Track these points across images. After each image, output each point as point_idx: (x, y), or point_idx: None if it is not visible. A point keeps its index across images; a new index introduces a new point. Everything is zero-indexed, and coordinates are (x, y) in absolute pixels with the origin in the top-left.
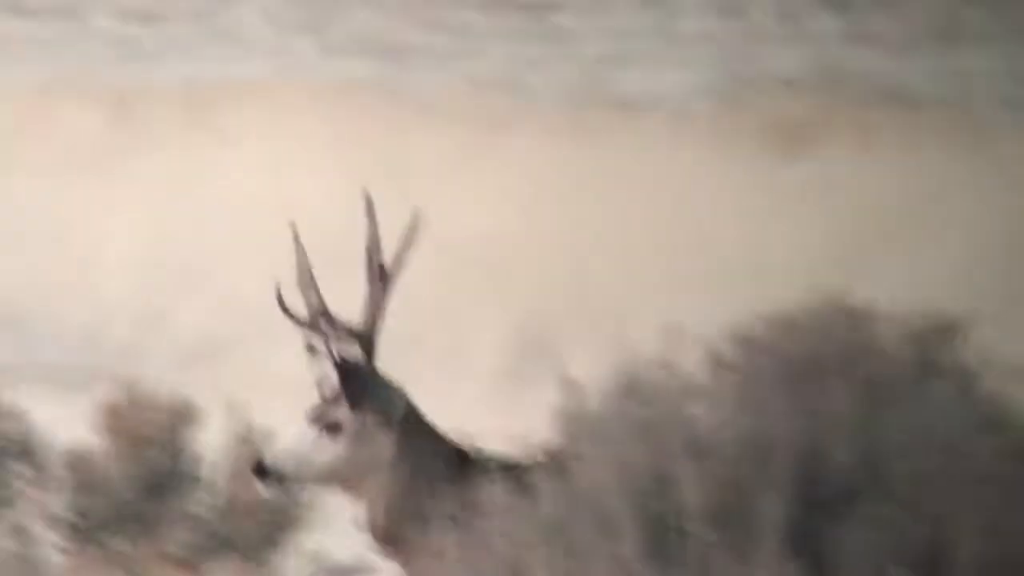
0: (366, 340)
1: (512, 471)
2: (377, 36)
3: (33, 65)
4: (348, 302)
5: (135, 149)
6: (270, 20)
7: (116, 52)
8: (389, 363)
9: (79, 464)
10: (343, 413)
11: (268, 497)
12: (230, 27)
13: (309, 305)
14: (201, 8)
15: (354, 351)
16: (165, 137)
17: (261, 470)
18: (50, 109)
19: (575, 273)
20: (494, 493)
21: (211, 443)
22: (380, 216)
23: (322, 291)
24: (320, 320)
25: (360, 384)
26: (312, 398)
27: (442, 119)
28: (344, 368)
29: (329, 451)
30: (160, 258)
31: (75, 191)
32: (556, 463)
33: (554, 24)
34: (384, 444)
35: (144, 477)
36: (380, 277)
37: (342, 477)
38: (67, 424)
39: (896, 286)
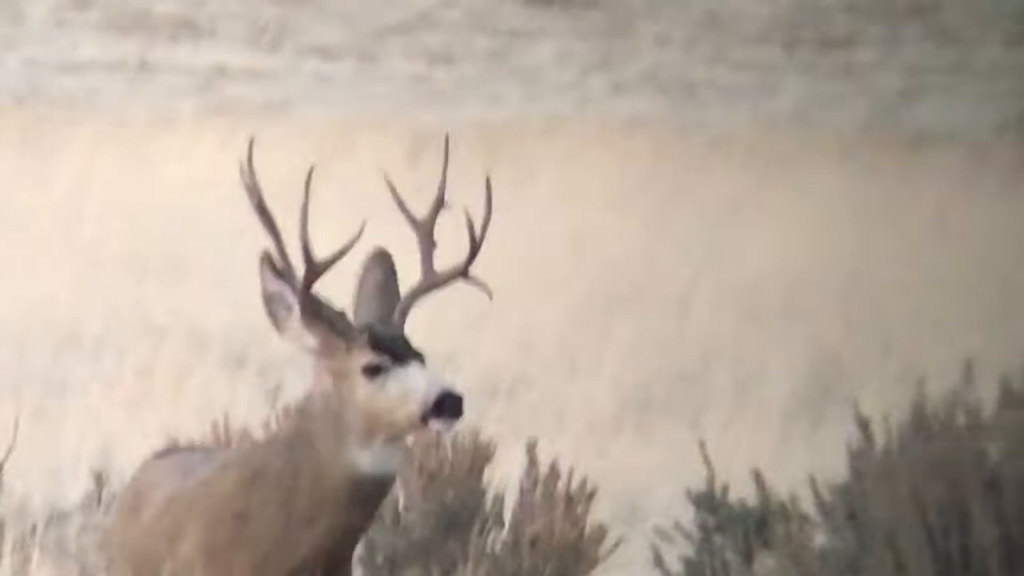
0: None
1: None
2: (668, 72)
3: (334, 104)
4: (647, 336)
5: (430, 188)
6: (563, 59)
7: (413, 92)
8: (676, 400)
9: None
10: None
11: (442, 428)
12: (524, 66)
13: None
14: (496, 48)
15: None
16: (460, 176)
17: (458, 403)
18: (349, 148)
19: (868, 308)
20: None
21: (506, 480)
22: (669, 251)
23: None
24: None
25: None
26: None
27: (734, 154)
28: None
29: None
30: (452, 294)
31: (372, 228)
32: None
33: (848, 59)
34: None
35: (440, 514)
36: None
37: None
38: None
39: None
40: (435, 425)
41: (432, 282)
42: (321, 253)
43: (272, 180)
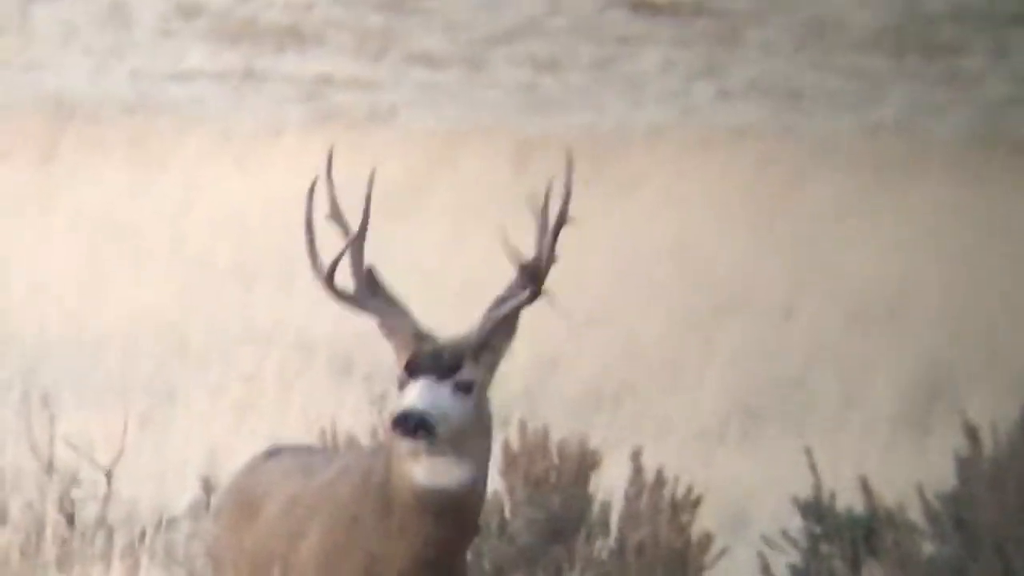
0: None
1: None
2: (773, 80)
3: (440, 112)
4: (751, 340)
5: (537, 195)
6: (668, 66)
7: (518, 100)
8: (782, 408)
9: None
10: (475, 371)
11: (411, 449)
12: (629, 74)
13: None
14: (601, 56)
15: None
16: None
17: (422, 424)
18: (456, 156)
19: (975, 315)
20: None
21: (612, 488)
22: (774, 258)
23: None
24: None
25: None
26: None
27: (839, 162)
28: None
29: (464, 410)
30: (559, 302)
31: (478, 236)
32: (956, 508)
33: (956, 67)
34: (488, 402)
35: (545, 521)
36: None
37: (461, 438)
38: None
39: None
40: (399, 441)
41: (496, 314)
42: (429, 260)
43: (377, 189)
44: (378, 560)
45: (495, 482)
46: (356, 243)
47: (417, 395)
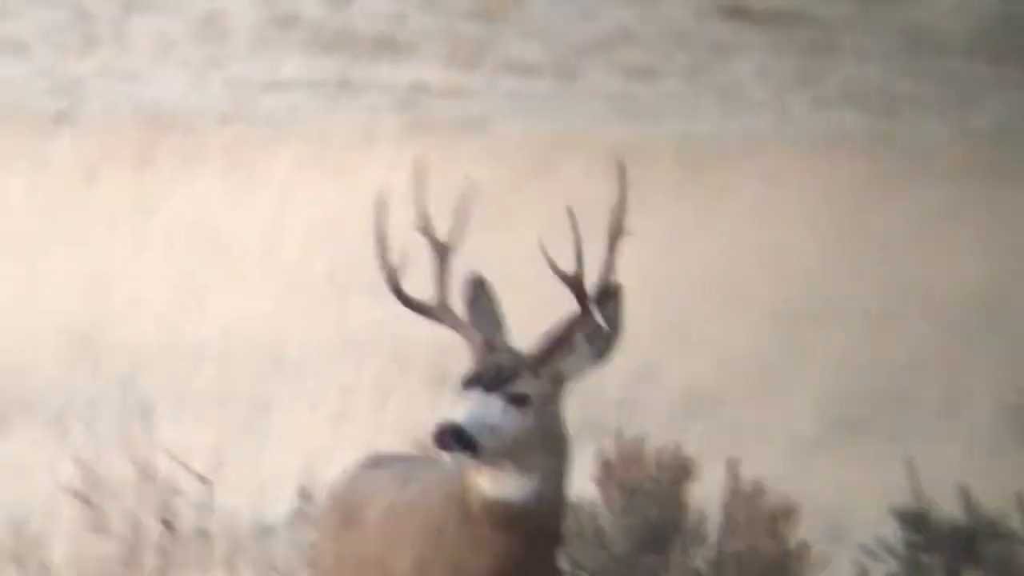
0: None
1: None
2: (869, 88)
3: (532, 121)
4: (841, 349)
5: (633, 204)
6: (763, 74)
7: (612, 108)
8: (879, 417)
9: (573, 515)
10: (531, 385)
11: (450, 462)
12: (723, 82)
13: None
14: (695, 64)
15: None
16: (659, 192)
17: (458, 435)
18: (548, 164)
19: None
20: None
21: (708, 496)
22: (871, 266)
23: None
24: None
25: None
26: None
27: (935, 169)
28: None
29: (516, 423)
30: (651, 311)
31: (568, 247)
32: None
33: None
34: (559, 416)
35: (641, 529)
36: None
37: (520, 451)
38: None
39: None
40: (439, 454)
41: (551, 340)
42: (522, 270)
43: (471, 197)
44: (461, 571)
45: (590, 491)
46: (443, 254)
47: (462, 408)
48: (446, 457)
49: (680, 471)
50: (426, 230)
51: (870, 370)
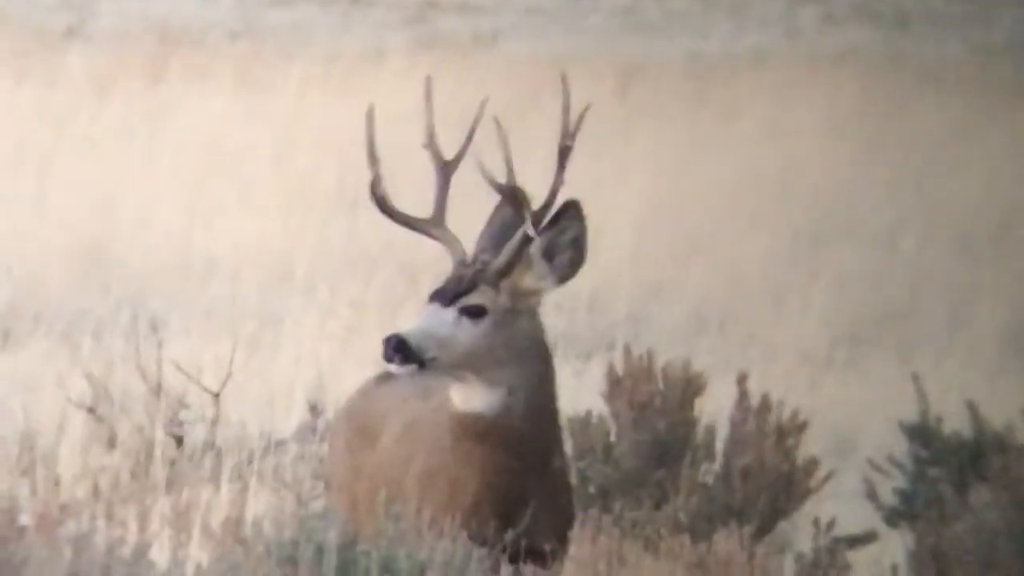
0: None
1: None
2: (880, 2)
3: (543, 37)
4: (855, 270)
5: (639, 121)
6: None
7: (621, 25)
8: (887, 334)
9: (582, 430)
10: (488, 297)
11: (400, 374)
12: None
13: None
14: None
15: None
16: (670, 109)
17: (400, 349)
18: (558, 81)
19: None
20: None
21: (717, 412)
22: (880, 184)
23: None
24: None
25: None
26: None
27: (946, 86)
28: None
29: (470, 334)
30: (661, 228)
31: (582, 162)
32: None
33: None
34: (529, 330)
35: (650, 445)
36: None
37: (480, 363)
38: (571, 392)
39: None
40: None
41: (508, 254)
42: (534, 185)
43: (481, 114)
44: (458, 484)
45: (599, 406)
46: (446, 170)
47: (413, 321)
48: (393, 368)
49: (689, 386)
50: (433, 148)
51: (878, 288)
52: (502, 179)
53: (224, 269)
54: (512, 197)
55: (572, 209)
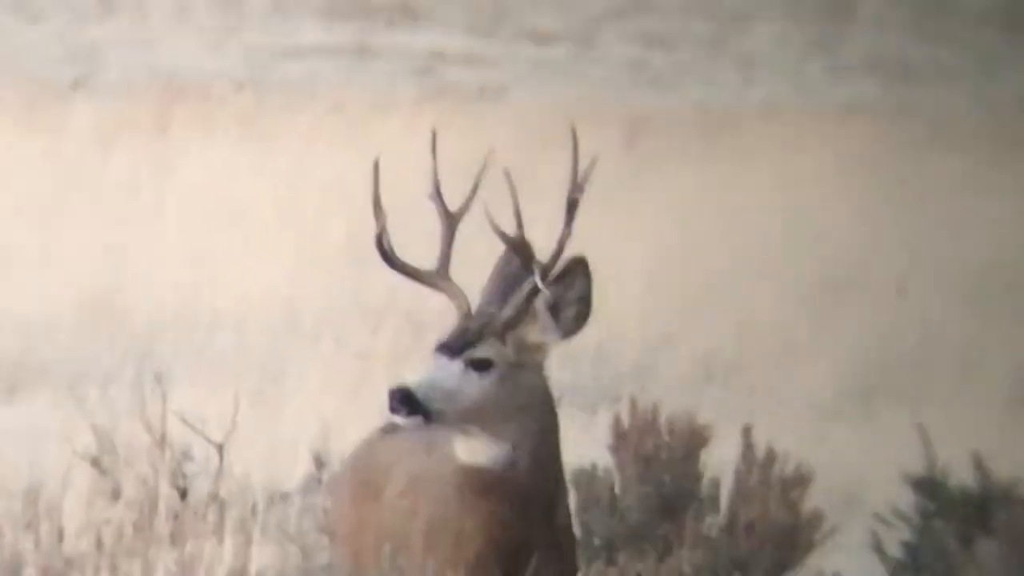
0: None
1: None
2: (887, 56)
3: (550, 89)
4: (856, 324)
5: (648, 172)
6: (781, 42)
7: (629, 77)
8: (895, 385)
9: (587, 483)
10: (495, 350)
11: (405, 426)
12: (741, 50)
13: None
14: (713, 32)
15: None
16: (677, 160)
17: (406, 400)
18: (565, 133)
19: None
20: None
21: (723, 464)
22: (889, 235)
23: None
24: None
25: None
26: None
27: (954, 139)
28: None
29: (476, 387)
30: (668, 280)
31: (590, 213)
32: None
33: None
34: (534, 384)
35: (655, 497)
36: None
37: (486, 416)
38: (576, 444)
39: None
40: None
41: (514, 307)
42: (541, 238)
43: (488, 165)
44: (462, 538)
45: (605, 459)
46: (450, 222)
47: (421, 373)
48: (398, 420)
49: (694, 439)
50: (438, 199)
51: (886, 339)
52: (510, 231)
53: (229, 320)
54: (520, 249)
55: (580, 266)
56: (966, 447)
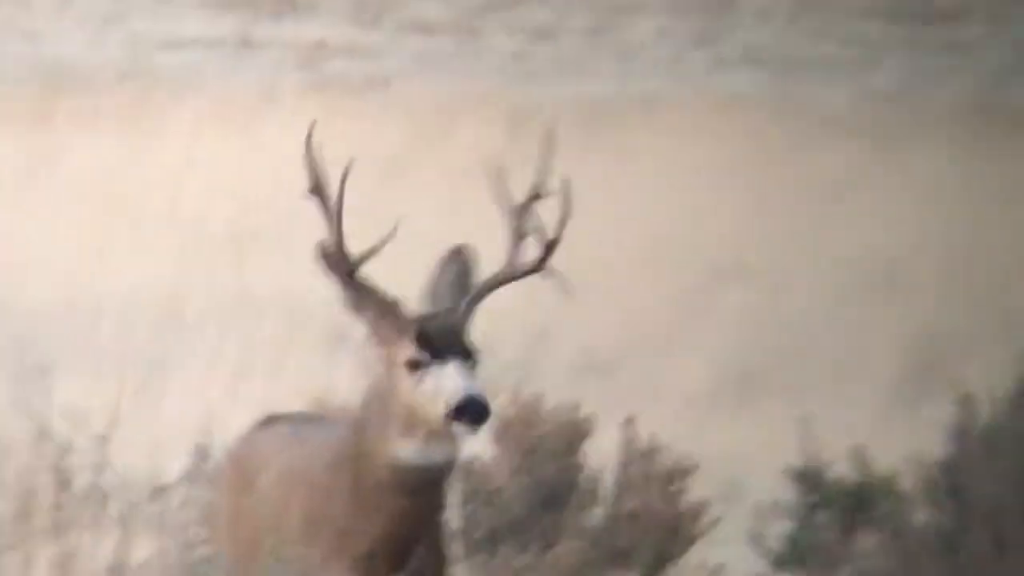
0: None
1: None
2: (770, 48)
3: (434, 80)
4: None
5: (529, 165)
6: (663, 35)
7: (513, 69)
8: (776, 377)
9: (470, 475)
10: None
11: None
12: (623, 43)
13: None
14: (595, 25)
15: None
16: (560, 153)
17: (484, 409)
18: (448, 124)
19: (972, 285)
20: None
21: (604, 457)
22: (770, 229)
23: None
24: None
25: None
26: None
27: (836, 132)
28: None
29: (480, 382)
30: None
31: (472, 203)
32: (950, 477)
33: (954, 34)
34: None
35: (537, 489)
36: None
37: None
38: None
39: None
40: (457, 428)
41: (509, 274)
42: (423, 229)
43: (372, 155)
44: (348, 535)
45: (487, 451)
46: (335, 215)
47: (465, 380)
48: (456, 428)
49: (576, 430)
50: (321, 195)
51: (768, 331)
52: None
53: (113, 311)
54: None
55: (458, 254)
56: (847, 439)
